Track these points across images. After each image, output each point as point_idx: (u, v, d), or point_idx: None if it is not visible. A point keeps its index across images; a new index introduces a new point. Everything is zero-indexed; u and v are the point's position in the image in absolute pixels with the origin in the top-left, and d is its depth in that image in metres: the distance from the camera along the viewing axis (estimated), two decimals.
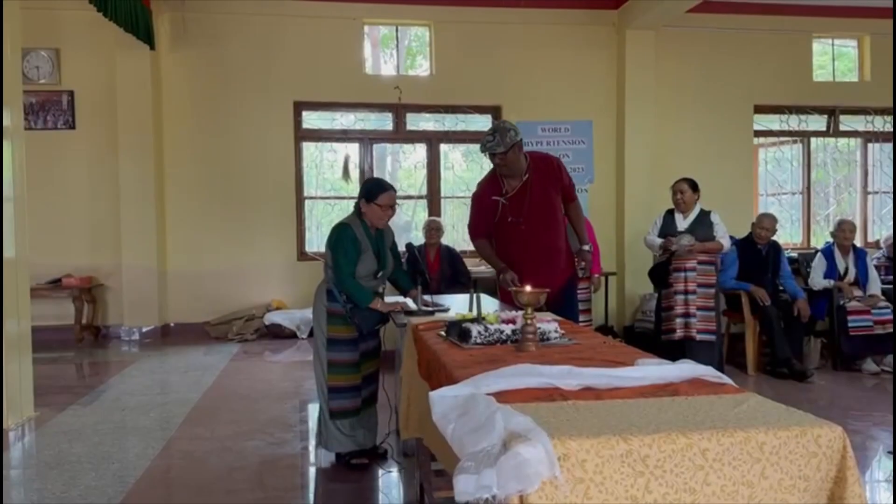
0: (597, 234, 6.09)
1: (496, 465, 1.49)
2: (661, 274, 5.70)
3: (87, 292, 7.47)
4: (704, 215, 5.64)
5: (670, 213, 5.74)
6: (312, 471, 3.86)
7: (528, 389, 1.90)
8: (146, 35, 6.91)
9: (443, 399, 1.82)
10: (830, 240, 6.55)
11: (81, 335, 7.40)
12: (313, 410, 4.65)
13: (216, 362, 6.43)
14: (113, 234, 7.56)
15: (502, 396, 1.83)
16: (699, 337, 5.47)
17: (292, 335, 7.46)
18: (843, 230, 6.33)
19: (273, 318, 7.55)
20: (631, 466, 1.56)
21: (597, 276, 5.98)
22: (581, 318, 5.67)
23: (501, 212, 4.07)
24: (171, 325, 7.81)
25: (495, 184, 4.12)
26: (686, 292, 5.52)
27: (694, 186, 5.64)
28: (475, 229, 4.23)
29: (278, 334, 7.50)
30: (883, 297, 6.14)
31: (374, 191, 3.63)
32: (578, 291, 5.64)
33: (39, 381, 4.95)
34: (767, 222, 6.20)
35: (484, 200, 4.14)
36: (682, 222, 5.64)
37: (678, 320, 5.53)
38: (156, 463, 3.84)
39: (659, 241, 5.63)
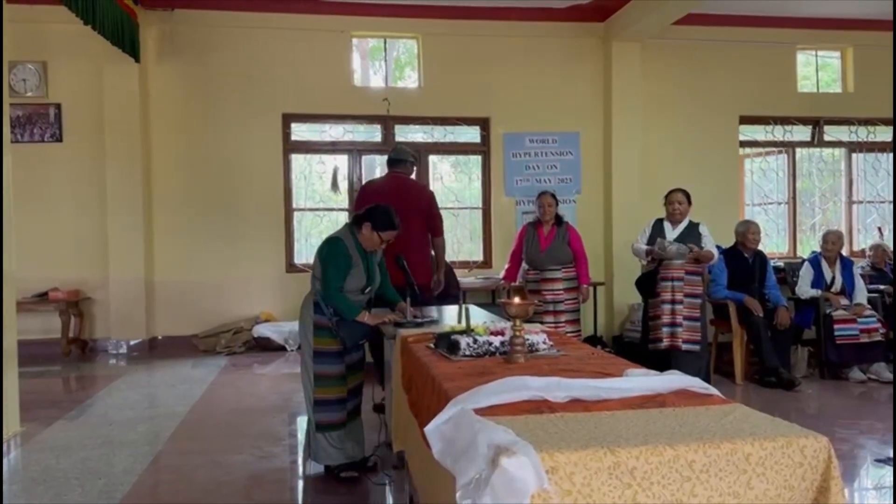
0: (585, 244, 6.11)
1: (489, 486, 1.50)
2: (648, 283, 5.73)
3: (73, 306, 7.41)
4: (693, 227, 5.68)
5: (660, 221, 5.78)
6: (301, 484, 3.85)
7: (517, 402, 1.91)
8: (132, 48, 6.89)
9: (438, 431, 1.81)
10: (817, 249, 6.60)
11: (68, 349, 7.33)
12: (302, 423, 4.63)
13: (204, 375, 6.39)
14: (100, 247, 7.51)
15: (490, 410, 1.83)
16: (685, 347, 5.50)
17: (281, 348, 7.42)
18: (828, 240, 6.39)
19: (262, 330, 7.52)
20: (618, 479, 1.57)
21: (585, 286, 6.00)
22: (570, 328, 5.75)
23: None
24: (159, 338, 7.75)
25: None
26: (673, 302, 5.55)
27: (688, 197, 5.70)
28: None
29: (267, 347, 7.46)
30: (869, 307, 6.19)
31: (384, 225, 3.67)
32: (567, 302, 5.84)
33: (26, 395, 4.90)
34: (755, 227, 6.28)
35: None
36: (671, 232, 5.67)
37: (664, 329, 5.56)
38: (143, 478, 3.81)
39: (645, 247, 5.68)
